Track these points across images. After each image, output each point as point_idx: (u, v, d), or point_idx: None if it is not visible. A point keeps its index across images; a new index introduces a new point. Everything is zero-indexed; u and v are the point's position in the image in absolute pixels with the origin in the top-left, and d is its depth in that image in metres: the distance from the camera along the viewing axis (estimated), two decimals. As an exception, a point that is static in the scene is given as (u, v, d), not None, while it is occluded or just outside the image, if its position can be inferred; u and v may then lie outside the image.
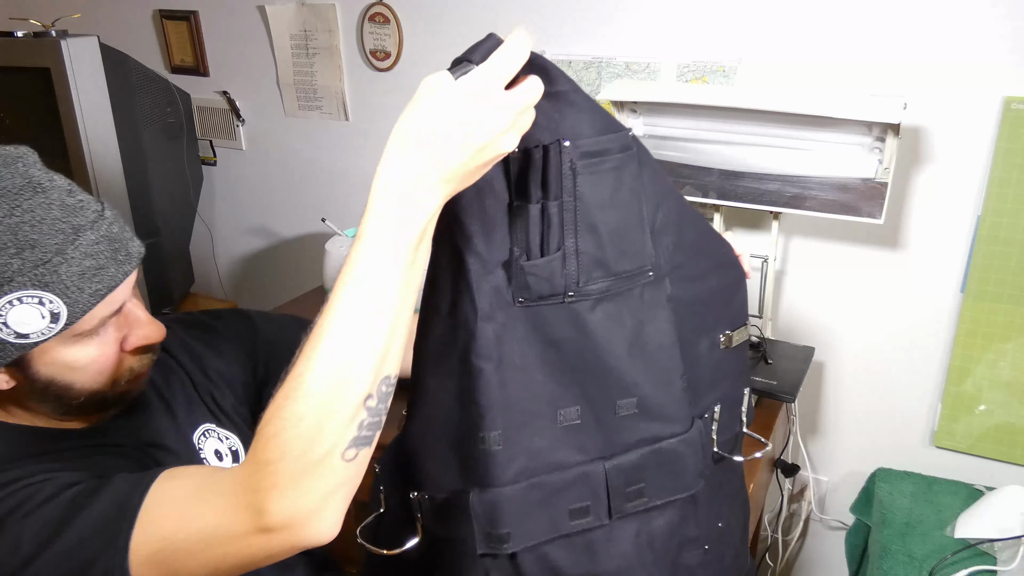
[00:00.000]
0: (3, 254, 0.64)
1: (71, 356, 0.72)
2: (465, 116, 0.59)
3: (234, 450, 0.92)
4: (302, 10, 1.92)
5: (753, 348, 1.48)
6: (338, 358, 0.58)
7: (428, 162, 0.59)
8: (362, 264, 0.59)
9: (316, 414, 0.57)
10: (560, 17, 1.63)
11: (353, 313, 0.59)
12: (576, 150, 0.74)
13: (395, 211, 0.60)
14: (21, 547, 0.63)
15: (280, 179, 2.17)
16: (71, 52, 1.66)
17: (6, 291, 0.65)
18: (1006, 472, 1.48)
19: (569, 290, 0.77)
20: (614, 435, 0.83)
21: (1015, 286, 1.37)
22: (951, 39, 1.32)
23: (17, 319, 0.66)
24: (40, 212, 0.67)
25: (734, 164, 1.40)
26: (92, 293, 0.69)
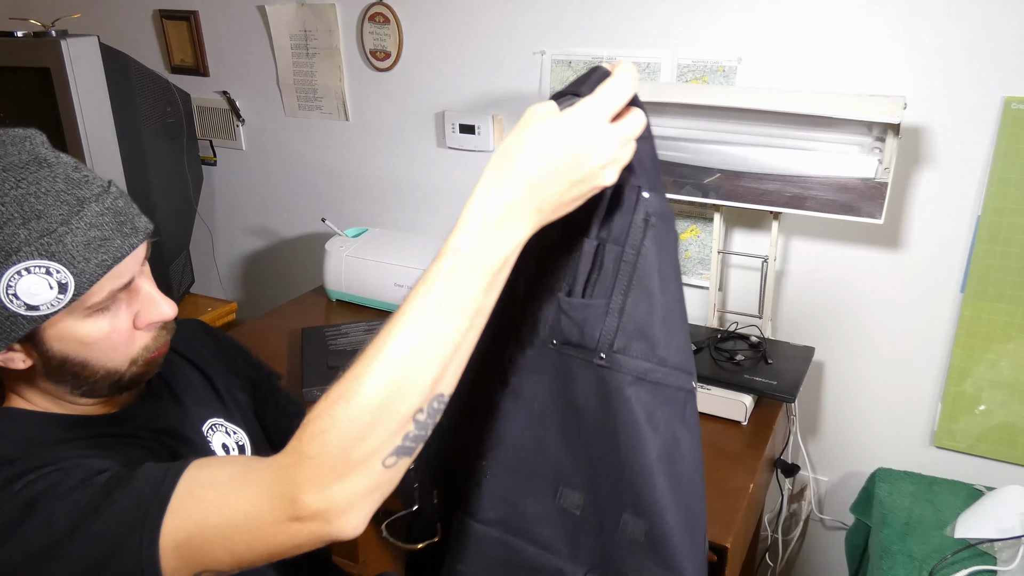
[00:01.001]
0: (9, 225, 0.66)
1: (83, 331, 0.72)
2: (568, 148, 0.59)
3: (241, 445, 0.92)
4: (302, 10, 1.92)
5: (753, 348, 1.48)
6: (399, 370, 0.59)
7: (524, 192, 0.60)
8: (440, 281, 0.59)
9: (366, 420, 0.58)
10: (560, 17, 1.63)
11: (421, 328, 0.59)
12: (653, 203, 0.68)
13: (483, 236, 0.60)
14: (52, 529, 0.64)
15: (280, 179, 2.17)
16: (71, 52, 1.66)
17: (13, 261, 0.66)
18: (1006, 472, 1.48)
19: (601, 350, 0.69)
20: (611, 551, 0.73)
21: (1015, 286, 1.37)
22: (951, 39, 1.32)
23: (26, 290, 0.67)
24: (46, 185, 0.68)
25: (734, 164, 1.40)
26: (98, 263, 0.70)
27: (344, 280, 1.83)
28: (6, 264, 0.66)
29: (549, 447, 0.74)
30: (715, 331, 1.54)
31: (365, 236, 1.88)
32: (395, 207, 2.02)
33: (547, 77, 1.69)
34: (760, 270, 1.53)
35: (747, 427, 1.36)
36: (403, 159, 1.96)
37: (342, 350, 1.56)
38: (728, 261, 1.63)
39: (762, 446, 1.31)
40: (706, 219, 1.62)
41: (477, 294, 0.60)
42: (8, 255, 0.66)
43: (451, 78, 1.81)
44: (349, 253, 1.81)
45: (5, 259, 0.66)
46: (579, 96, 0.62)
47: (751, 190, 1.37)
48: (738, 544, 1.18)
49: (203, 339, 1.00)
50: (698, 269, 1.66)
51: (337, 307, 1.86)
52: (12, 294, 0.67)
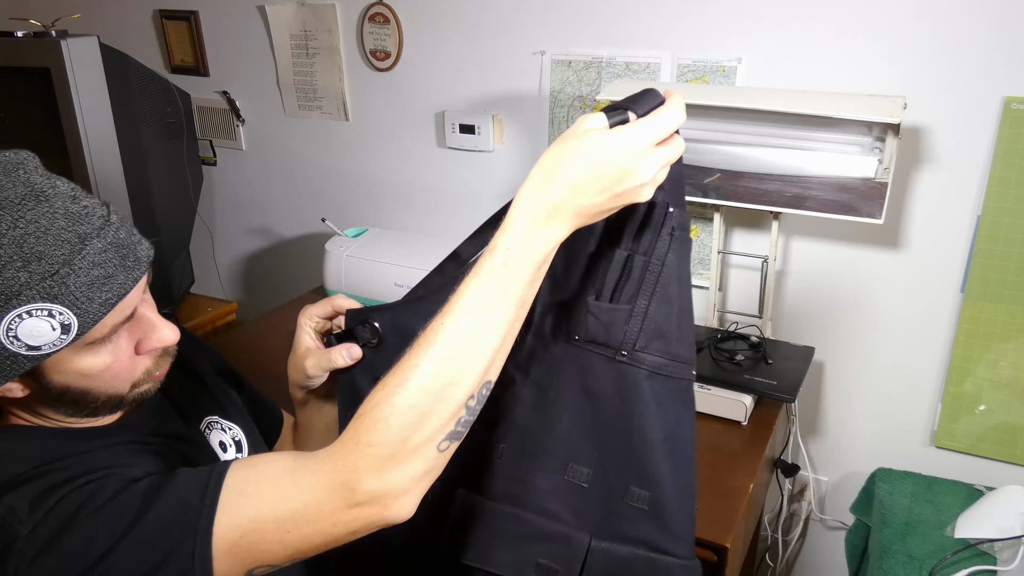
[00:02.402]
0: (9, 268, 0.63)
1: (85, 365, 0.70)
2: (616, 163, 0.64)
3: (237, 440, 0.92)
4: (302, 10, 1.92)
5: (753, 348, 1.48)
6: (455, 359, 0.64)
7: (569, 196, 0.64)
8: (492, 275, 0.64)
9: (425, 407, 0.63)
10: (560, 17, 1.63)
11: (475, 319, 0.64)
12: (678, 218, 0.76)
13: (531, 233, 0.65)
14: (96, 543, 0.63)
15: (280, 179, 2.17)
16: (71, 52, 1.66)
17: (14, 305, 0.63)
18: (1006, 472, 1.48)
19: (624, 348, 0.77)
20: (614, 519, 0.80)
21: (1015, 286, 1.37)
22: (951, 39, 1.32)
23: (27, 332, 0.65)
24: (44, 222, 0.65)
25: (734, 164, 1.40)
26: (102, 303, 0.68)
27: (344, 280, 1.83)
28: (7, 308, 0.63)
29: (562, 429, 0.80)
30: (715, 331, 1.54)
31: (365, 236, 1.88)
32: (395, 207, 2.02)
33: (547, 77, 1.69)
34: (760, 270, 1.53)
35: (747, 427, 1.36)
36: (403, 159, 1.96)
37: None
38: (728, 261, 1.63)
39: (762, 446, 1.31)
40: (706, 219, 1.62)
41: (523, 287, 0.65)
42: (8, 299, 0.63)
43: (451, 78, 1.81)
44: (349, 253, 1.81)
45: (5, 303, 0.63)
46: (629, 112, 0.67)
47: (751, 190, 1.37)
48: (738, 544, 1.18)
49: (191, 343, 0.99)
50: (698, 269, 1.66)
51: (337, 307, 1.85)
52: (13, 336, 0.64)
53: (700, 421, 1.37)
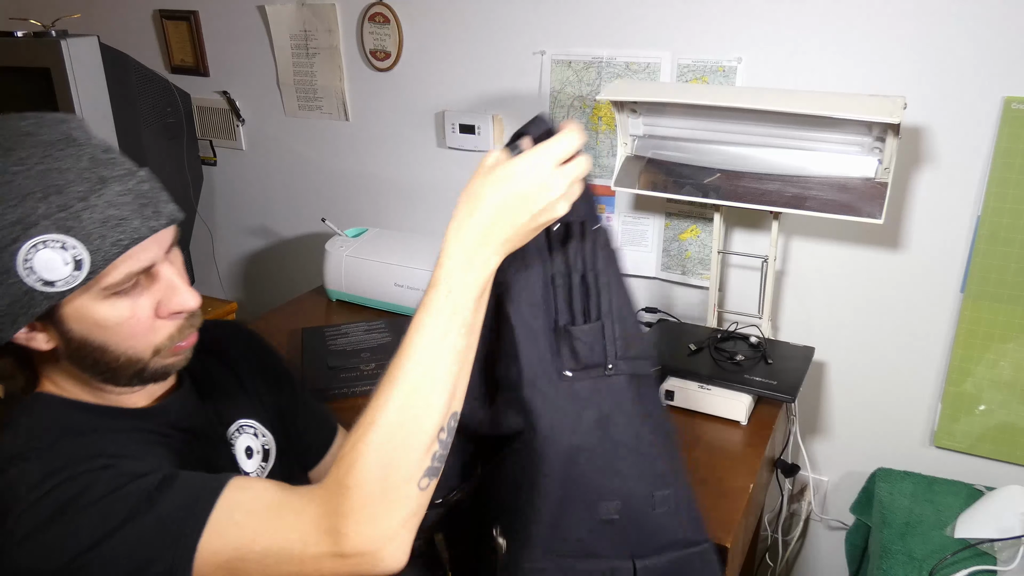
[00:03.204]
0: (30, 199, 0.66)
1: (101, 313, 0.72)
2: (529, 181, 0.68)
3: (267, 449, 0.92)
4: (302, 10, 1.92)
5: (753, 348, 1.48)
6: (417, 393, 0.66)
7: (494, 221, 0.68)
8: (436, 308, 0.68)
9: (397, 442, 0.65)
10: (560, 17, 1.63)
11: (425, 354, 0.67)
12: (601, 232, 0.80)
13: (465, 264, 0.68)
14: (79, 537, 0.64)
15: (280, 179, 2.17)
16: (71, 52, 1.66)
17: (31, 234, 0.66)
18: (1006, 472, 1.48)
19: (609, 361, 0.80)
20: (648, 534, 0.83)
21: (1015, 286, 1.37)
22: (951, 39, 1.32)
23: (42, 264, 0.67)
24: (70, 162, 0.69)
25: (734, 164, 1.40)
26: (114, 242, 0.69)
27: (344, 280, 1.83)
28: (23, 237, 0.66)
29: (583, 474, 0.81)
30: (715, 331, 1.54)
31: (365, 236, 1.88)
32: (395, 207, 2.02)
33: (547, 77, 1.69)
34: (760, 270, 1.53)
35: (747, 427, 1.36)
36: (403, 159, 1.96)
37: (342, 350, 1.56)
38: (728, 261, 1.63)
39: (762, 446, 1.31)
40: (706, 219, 1.62)
41: (469, 315, 0.69)
42: (26, 228, 0.66)
43: (451, 78, 1.81)
44: (349, 253, 1.81)
45: (23, 232, 0.66)
46: (524, 139, 0.73)
47: (751, 190, 1.37)
48: (738, 544, 1.18)
49: (237, 341, 0.99)
50: (698, 269, 1.66)
51: (337, 307, 1.86)
52: (29, 267, 0.67)
53: (700, 421, 1.37)
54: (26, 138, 0.69)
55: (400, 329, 1.64)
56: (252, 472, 0.89)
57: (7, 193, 0.66)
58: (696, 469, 1.24)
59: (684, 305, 1.70)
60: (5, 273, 0.67)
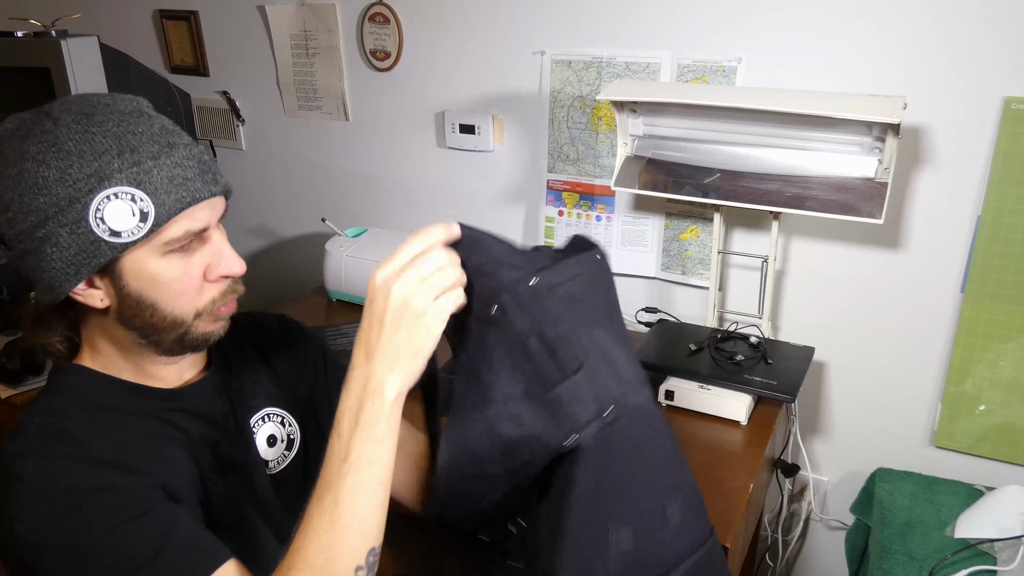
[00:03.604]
0: (107, 155, 0.73)
1: (157, 268, 0.77)
2: (387, 301, 0.71)
3: (292, 438, 0.95)
4: (302, 10, 1.92)
5: (753, 348, 1.48)
6: (328, 534, 0.69)
7: (375, 355, 0.71)
8: (331, 453, 0.72)
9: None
10: (560, 17, 1.63)
11: (338, 495, 0.70)
12: (542, 285, 0.76)
13: (359, 405, 0.71)
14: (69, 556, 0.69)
15: (280, 179, 2.17)
16: (71, 52, 1.66)
17: (106, 186, 0.72)
18: (1006, 472, 1.48)
19: (606, 408, 0.77)
20: (667, 548, 0.81)
21: (1015, 286, 1.37)
22: (951, 39, 1.32)
23: (112, 214, 0.72)
24: (143, 127, 0.76)
25: (734, 164, 1.40)
26: (177, 198, 0.75)
27: (344, 280, 1.83)
28: (99, 188, 0.72)
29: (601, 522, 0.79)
30: (715, 331, 1.54)
31: (365, 236, 1.88)
32: (395, 207, 2.02)
33: (547, 77, 1.69)
34: (760, 270, 1.53)
35: (747, 427, 1.36)
36: (403, 159, 1.96)
37: (342, 350, 1.56)
38: (728, 261, 1.63)
39: (762, 446, 1.31)
40: (706, 219, 1.62)
41: (378, 454, 0.71)
42: (102, 180, 0.72)
43: (451, 78, 1.81)
44: (349, 253, 1.81)
45: (99, 183, 0.72)
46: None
47: (751, 190, 1.37)
48: (738, 544, 1.18)
49: (278, 330, 1.02)
50: (698, 269, 1.66)
51: (337, 307, 1.86)
52: (100, 218, 0.72)
53: (700, 421, 1.37)
54: (105, 107, 0.76)
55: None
56: (272, 460, 0.93)
57: (87, 149, 0.72)
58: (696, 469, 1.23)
59: (684, 305, 1.70)
60: (76, 222, 0.72)
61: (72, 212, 0.72)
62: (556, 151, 1.73)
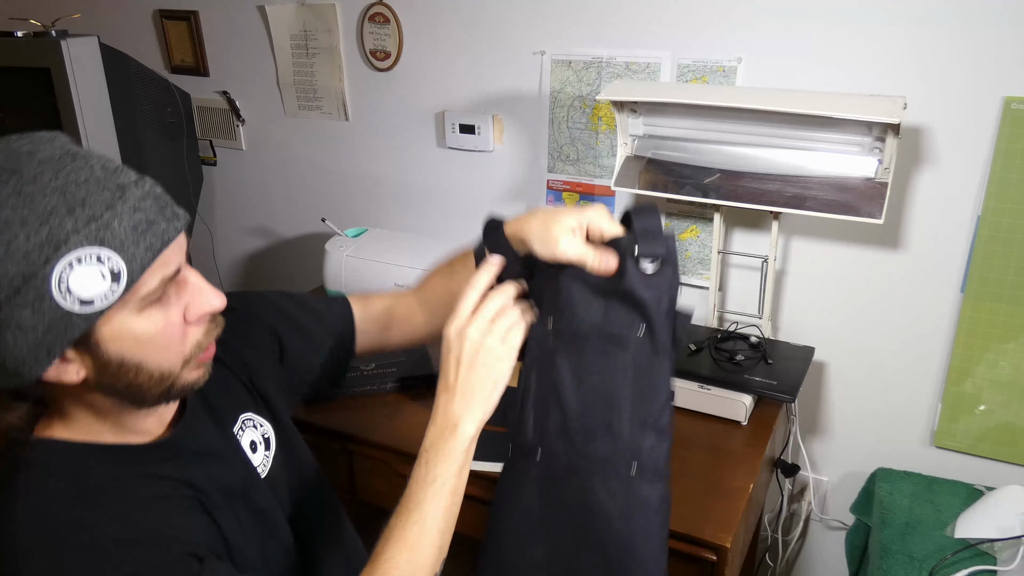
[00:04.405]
0: (55, 215, 0.62)
1: (139, 327, 0.69)
2: (462, 346, 0.81)
3: (266, 438, 0.93)
4: (302, 10, 1.92)
5: (753, 348, 1.48)
6: (417, 547, 0.77)
7: (455, 395, 0.80)
8: (417, 481, 0.80)
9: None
10: (560, 17, 1.63)
11: (426, 514, 0.78)
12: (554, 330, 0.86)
13: (442, 439, 0.80)
14: None
15: (280, 179, 2.17)
16: (71, 52, 1.66)
17: (63, 252, 0.62)
18: (1006, 472, 1.48)
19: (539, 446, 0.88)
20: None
21: (1015, 286, 1.37)
22: (951, 39, 1.32)
23: (79, 282, 0.63)
24: (84, 173, 0.65)
25: (734, 164, 1.40)
26: (147, 247, 0.67)
27: (344, 280, 1.83)
28: (56, 255, 0.62)
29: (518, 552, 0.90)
30: (715, 331, 1.54)
31: (365, 236, 1.88)
32: (395, 207, 2.02)
33: (547, 77, 1.69)
34: (760, 270, 1.53)
35: (747, 427, 1.36)
36: (403, 159, 1.96)
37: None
38: (728, 261, 1.63)
39: (762, 446, 1.31)
40: (706, 219, 1.62)
41: (453, 478, 0.80)
42: (57, 246, 0.62)
43: (451, 78, 1.81)
44: (349, 253, 1.81)
45: (55, 251, 0.62)
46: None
47: (751, 190, 1.37)
48: (738, 544, 1.18)
49: (229, 319, 0.96)
50: (698, 269, 1.66)
51: (337, 307, 1.85)
52: (65, 289, 0.63)
53: (700, 421, 1.37)
54: (28, 157, 0.65)
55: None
56: (259, 464, 0.90)
57: (28, 214, 0.62)
58: (696, 469, 1.24)
59: (684, 305, 1.70)
60: (38, 300, 0.62)
61: (30, 290, 0.62)
62: (556, 151, 1.73)
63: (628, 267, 0.78)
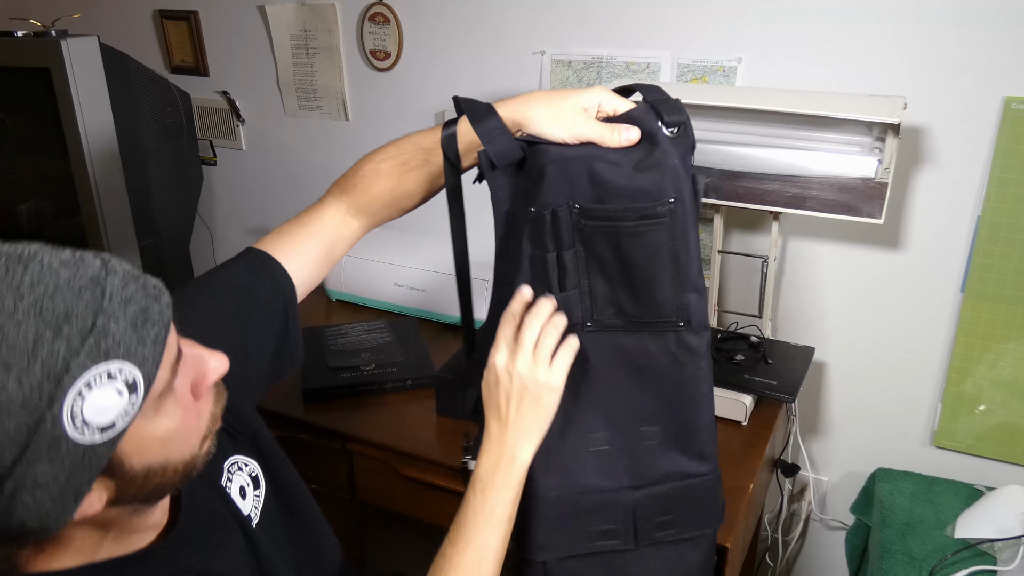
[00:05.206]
0: (42, 344, 0.51)
1: (160, 428, 0.60)
2: (511, 381, 0.84)
3: (254, 476, 0.85)
4: (302, 10, 1.92)
5: (753, 348, 1.48)
6: (476, 574, 0.80)
7: (508, 426, 0.84)
8: (480, 507, 0.82)
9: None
10: (560, 17, 1.63)
11: (485, 543, 0.81)
12: (581, 212, 0.85)
13: (496, 468, 0.83)
14: None
15: (280, 179, 2.17)
16: (71, 52, 1.66)
17: (68, 382, 0.51)
18: (1006, 472, 1.48)
19: (587, 321, 0.88)
20: (643, 465, 0.90)
21: (1015, 286, 1.37)
22: (951, 39, 1.32)
23: (95, 409, 0.53)
24: (47, 279, 0.53)
25: (734, 164, 1.40)
26: (153, 340, 0.57)
27: (344, 280, 1.83)
28: (61, 390, 0.51)
29: (569, 407, 0.90)
30: (715, 331, 1.54)
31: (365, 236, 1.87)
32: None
33: (547, 77, 1.69)
34: (760, 270, 1.53)
35: (747, 427, 1.36)
36: (403, 159, 1.95)
37: (342, 350, 1.56)
38: (728, 261, 1.63)
39: (762, 446, 1.31)
40: (706, 219, 1.62)
41: (508, 507, 0.83)
42: (59, 379, 0.51)
43: (451, 78, 1.81)
44: (349, 253, 1.81)
45: (57, 385, 0.51)
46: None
47: (751, 190, 1.37)
48: (738, 544, 1.18)
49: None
50: (698, 269, 1.66)
51: (337, 307, 1.86)
52: (81, 422, 0.53)
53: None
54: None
55: (401, 329, 1.64)
56: (248, 511, 0.81)
57: (9, 355, 0.50)
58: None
59: (684, 305, 1.70)
60: (54, 446, 0.52)
61: (41, 439, 0.51)
62: (556, 151, 1.73)
63: (659, 136, 0.81)
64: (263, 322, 0.91)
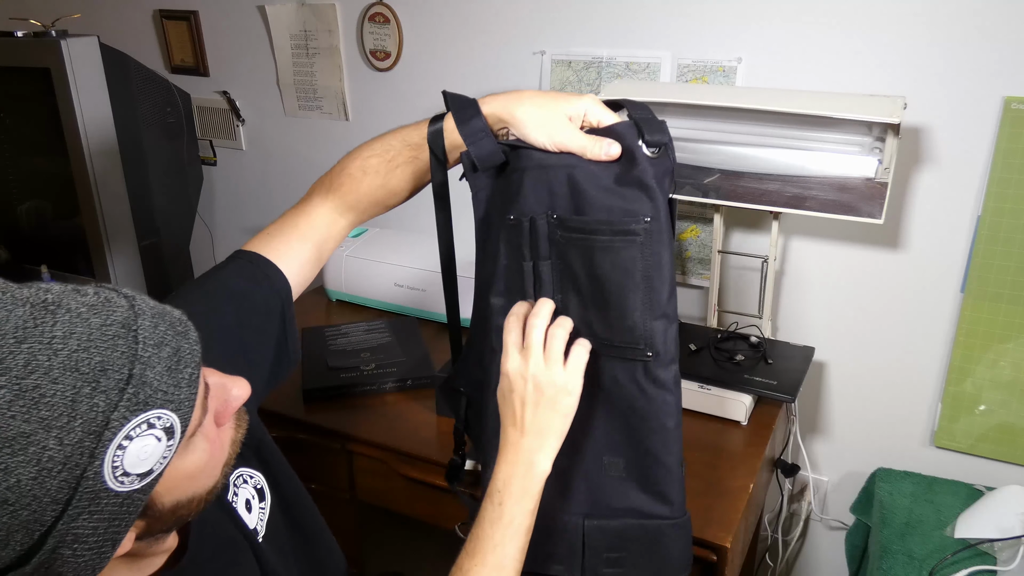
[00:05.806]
0: (81, 400, 0.49)
1: (190, 464, 0.59)
2: (525, 386, 0.81)
3: (259, 488, 0.84)
4: (302, 10, 1.92)
5: (753, 348, 1.48)
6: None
7: (526, 433, 0.81)
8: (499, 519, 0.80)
9: None
10: (560, 17, 1.63)
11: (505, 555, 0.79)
12: (559, 223, 0.84)
13: (514, 477, 0.81)
14: None
15: (280, 179, 2.17)
16: (71, 52, 1.66)
17: (109, 436, 0.50)
18: (1006, 472, 1.48)
19: None
20: (603, 496, 0.89)
21: (1015, 286, 1.37)
22: (951, 39, 1.32)
23: (134, 459, 0.52)
24: (80, 329, 0.51)
25: (734, 164, 1.40)
26: (188, 382, 0.56)
27: (344, 280, 1.83)
28: (102, 446, 0.50)
29: None
30: (715, 331, 1.54)
31: (365, 236, 1.88)
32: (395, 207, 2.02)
33: (547, 77, 1.69)
34: (760, 270, 1.53)
35: (747, 427, 1.36)
36: (403, 159, 1.96)
37: (342, 350, 1.56)
38: (728, 261, 1.63)
39: (762, 446, 1.31)
40: (706, 219, 1.62)
41: (525, 518, 0.80)
42: (99, 435, 0.50)
43: (451, 78, 1.81)
44: (349, 253, 1.81)
45: (98, 441, 0.50)
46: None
47: (751, 190, 1.37)
48: (738, 544, 1.18)
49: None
50: (698, 269, 1.66)
51: (337, 307, 1.86)
52: (121, 473, 0.51)
53: (700, 421, 1.37)
54: (2, 339, 0.49)
55: (401, 329, 1.64)
56: (254, 524, 0.81)
57: (48, 414, 0.48)
58: (696, 469, 1.24)
59: (684, 305, 1.70)
60: (95, 501, 0.50)
61: (83, 496, 0.50)
62: (556, 151, 1.73)
63: (639, 154, 0.80)
64: (262, 328, 0.89)
